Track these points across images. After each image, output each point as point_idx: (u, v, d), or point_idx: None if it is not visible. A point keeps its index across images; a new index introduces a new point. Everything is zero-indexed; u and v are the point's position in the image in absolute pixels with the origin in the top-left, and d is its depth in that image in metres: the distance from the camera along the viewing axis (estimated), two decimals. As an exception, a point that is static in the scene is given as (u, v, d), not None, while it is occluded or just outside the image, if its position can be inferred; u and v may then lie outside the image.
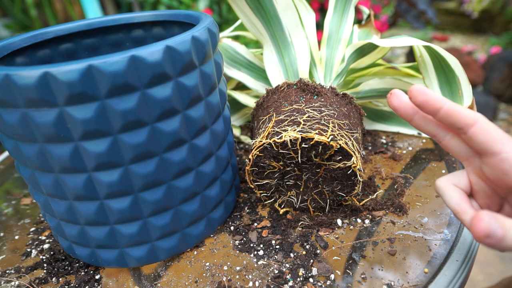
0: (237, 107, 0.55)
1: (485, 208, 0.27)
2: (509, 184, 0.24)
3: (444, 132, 0.27)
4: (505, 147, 0.24)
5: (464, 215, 0.26)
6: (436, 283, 0.29)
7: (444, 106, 0.25)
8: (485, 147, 0.24)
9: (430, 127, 0.28)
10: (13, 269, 0.35)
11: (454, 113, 0.25)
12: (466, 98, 0.42)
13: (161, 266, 0.33)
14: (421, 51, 0.45)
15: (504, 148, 0.24)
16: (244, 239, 0.35)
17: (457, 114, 0.25)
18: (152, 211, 0.30)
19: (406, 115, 0.28)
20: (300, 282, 0.30)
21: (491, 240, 0.21)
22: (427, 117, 0.28)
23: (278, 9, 0.43)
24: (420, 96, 0.25)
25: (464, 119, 0.25)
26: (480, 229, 0.21)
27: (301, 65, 0.45)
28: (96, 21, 0.38)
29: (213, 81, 0.31)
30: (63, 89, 0.23)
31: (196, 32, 0.28)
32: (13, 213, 0.43)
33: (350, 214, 0.36)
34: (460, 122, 0.25)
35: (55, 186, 0.28)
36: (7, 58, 0.32)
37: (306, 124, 0.33)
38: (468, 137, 0.25)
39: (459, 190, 0.27)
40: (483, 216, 0.21)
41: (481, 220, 0.21)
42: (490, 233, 0.21)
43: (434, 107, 0.25)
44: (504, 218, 0.21)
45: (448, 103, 0.25)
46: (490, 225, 0.21)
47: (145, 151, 0.27)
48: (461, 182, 0.27)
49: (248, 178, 0.36)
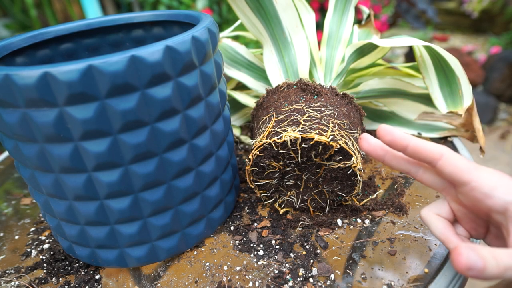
0: (237, 107, 0.55)
1: (472, 231, 0.28)
2: (484, 210, 0.25)
3: (416, 167, 0.29)
4: (472, 176, 0.25)
5: (449, 244, 0.27)
6: (436, 283, 0.29)
7: (410, 143, 0.27)
8: (454, 178, 0.26)
9: (401, 165, 0.29)
10: (13, 269, 0.35)
11: (420, 149, 0.26)
12: (466, 98, 0.42)
13: (161, 266, 0.33)
14: (421, 51, 0.45)
15: (472, 178, 0.25)
16: (244, 239, 0.35)
17: (423, 150, 0.26)
18: (152, 211, 0.30)
19: (377, 157, 0.29)
20: (300, 282, 0.30)
21: (472, 272, 0.21)
22: (397, 156, 0.29)
23: (278, 9, 0.43)
24: (387, 136, 0.27)
25: (430, 154, 0.26)
26: (460, 263, 0.21)
27: (301, 65, 0.45)
28: (96, 21, 0.38)
29: (213, 81, 0.31)
30: (63, 89, 0.23)
31: (196, 32, 0.28)
32: (13, 213, 0.43)
33: (350, 214, 0.36)
34: (427, 157, 0.26)
35: (55, 186, 0.28)
36: (7, 58, 0.32)
37: (306, 124, 0.33)
38: (437, 170, 0.27)
39: (441, 219, 0.28)
40: (462, 250, 0.22)
41: (460, 254, 0.21)
42: (470, 266, 0.21)
43: (401, 144, 0.27)
44: (483, 248, 0.22)
45: (414, 140, 0.27)
46: (469, 259, 0.21)
47: (145, 151, 0.27)
48: (442, 211, 0.28)
49: (248, 178, 0.36)
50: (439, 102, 0.45)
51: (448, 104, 0.44)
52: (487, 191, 0.24)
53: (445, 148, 0.26)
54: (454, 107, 0.43)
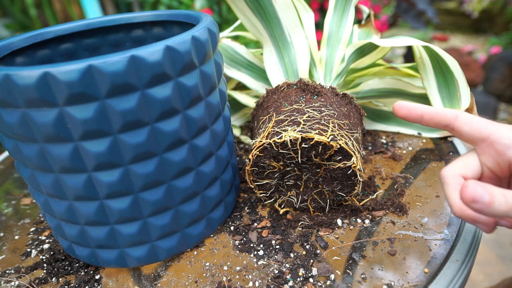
0: (237, 107, 0.55)
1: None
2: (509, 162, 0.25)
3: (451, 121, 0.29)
4: (490, 130, 0.25)
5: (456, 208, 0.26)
6: (436, 283, 0.29)
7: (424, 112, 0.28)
8: (473, 135, 0.26)
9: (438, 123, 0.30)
10: (13, 269, 0.35)
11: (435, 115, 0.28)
12: (464, 100, 0.42)
13: (161, 266, 0.33)
14: (421, 52, 0.45)
15: (491, 131, 0.25)
16: (244, 239, 0.35)
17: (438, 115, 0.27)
18: (152, 211, 0.30)
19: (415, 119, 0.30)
20: (300, 282, 0.30)
21: (478, 205, 0.22)
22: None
23: (277, 9, 0.43)
24: (403, 109, 0.29)
25: (445, 117, 0.27)
26: (466, 195, 0.22)
27: (301, 65, 0.45)
28: (96, 21, 0.38)
29: (213, 81, 0.31)
30: (63, 89, 0.23)
31: (196, 32, 0.28)
32: (13, 213, 0.43)
33: (350, 214, 0.36)
34: (442, 120, 0.27)
35: (55, 186, 0.28)
36: (7, 58, 0.32)
37: (306, 124, 0.33)
38: (456, 131, 0.27)
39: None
40: (469, 183, 0.22)
41: (466, 186, 0.22)
42: (475, 198, 0.22)
43: (417, 114, 0.28)
44: (493, 187, 0.22)
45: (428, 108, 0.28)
46: (475, 191, 0.22)
47: (145, 151, 0.27)
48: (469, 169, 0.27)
49: (248, 178, 0.36)
50: (436, 103, 0.45)
51: (446, 106, 0.44)
52: (507, 142, 0.25)
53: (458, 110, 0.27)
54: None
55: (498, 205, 0.22)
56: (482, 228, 0.27)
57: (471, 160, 0.27)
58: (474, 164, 0.27)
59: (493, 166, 0.26)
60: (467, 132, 0.27)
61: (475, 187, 0.22)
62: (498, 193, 0.22)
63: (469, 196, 0.22)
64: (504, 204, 0.22)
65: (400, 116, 0.29)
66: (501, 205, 0.22)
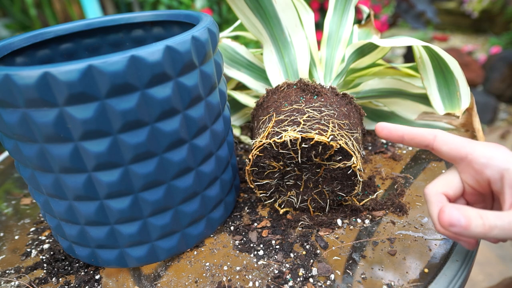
0: (237, 107, 0.55)
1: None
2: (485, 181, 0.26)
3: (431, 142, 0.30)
4: (468, 150, 0.26)
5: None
6: (436, 283, 0.29)
7: (404, 133, 0.29)
8: (452, 154, 0.27)
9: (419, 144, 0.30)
10: (13, 269, 0.35)
11: (414, 136, 0.28)
12: (464, 100, 0.42)
13: (161, 266, 0.33)
14: (421, 52, 0.45)
15: (468, 151, 0.26)
16: (244, 239, 0.35)
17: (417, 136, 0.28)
18: (152, 211, 0.30)
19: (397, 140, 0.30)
20: (300, 282, 0.30)
21: (456, 228, 0.22)
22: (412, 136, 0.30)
23: (277, 9, 0.43)
24: (384, 131, 0.29)
25: (424, 138, 0.28)
26: (443, 220, 0.22)
27: (301, 65, 0.45)
28: (96, 21, 0.38)
29: (213, 81, 0.31)
30: (63, 89, 0.23)
31: (196, 32, 0.28)
32: (13, 213, 0.43)
33: (350, 214, 0.36)
34: (422, 141, 0.28)
35: (55, 186, 0.28)
36: (7, 58, 0.32)
37: (306, 124, 0.33)
38: (436, 151, 0.28)
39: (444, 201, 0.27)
40: (445, 208, 0.23)
41: (443, 212, 0.23)
42: (452, 222, 0.22)
43: (398, 135, 0.29)
44: (469, 209, 0.23)
45: (407, 129, 0.28)
46: (451, 215, 0.22)
47: (145, 151, 0.27)
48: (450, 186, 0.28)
49: (248, 178, 0.36)
50: (436, 103, 0.45)
51: (446, 105, 0.44)
52: (484, 161, 0.25)
53: (437, 130, 0.27)
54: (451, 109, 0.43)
55: (474, 228, 0.22)
56: (464, 245, 0.28)
57: (452, 178, 0.28)
58: (455, 182, 0.28)
59: (474, 184, 0.27)
60: (446, 152, 0.27)
61: (451, 211, 0.22)
62: (474, 215, 0.22)
63: (446, 221, 0.22)
64: (481, 227, 0.22)
65: (382, 137, 0.30)
66: (478, 227, 0.22)
